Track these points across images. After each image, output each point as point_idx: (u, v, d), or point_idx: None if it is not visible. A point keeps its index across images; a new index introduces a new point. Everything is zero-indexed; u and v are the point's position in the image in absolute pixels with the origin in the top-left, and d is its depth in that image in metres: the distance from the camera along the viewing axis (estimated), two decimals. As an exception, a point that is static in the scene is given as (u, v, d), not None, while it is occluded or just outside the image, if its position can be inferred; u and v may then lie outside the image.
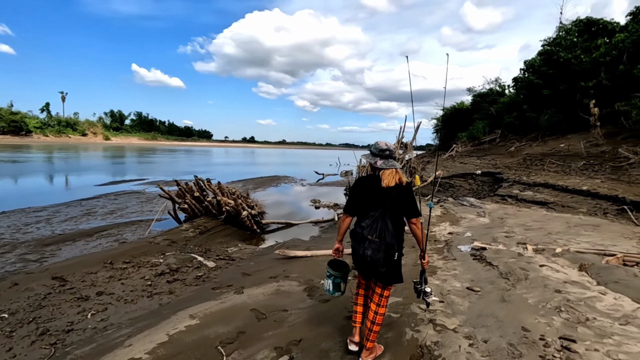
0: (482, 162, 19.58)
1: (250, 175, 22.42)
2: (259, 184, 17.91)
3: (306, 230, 9.22)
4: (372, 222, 2.25)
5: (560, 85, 19.13)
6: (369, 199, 2.35)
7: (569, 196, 8.94)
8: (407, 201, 2.31)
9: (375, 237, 2.22)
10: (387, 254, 2.24)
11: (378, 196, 2.31)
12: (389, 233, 2.23)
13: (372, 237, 2.23)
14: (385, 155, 2.38)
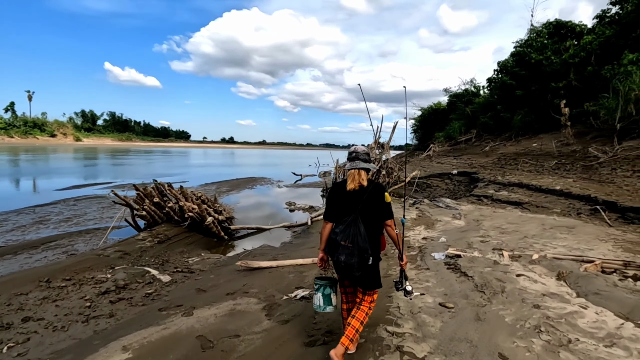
0: (458, 161, 19.66)
1: (226, 177, 21.70)
2: (234, 186, 17.29)
3: (278, 235, 8.77)
4: (345, 228, 2.26)
5: (532, 86, 19.44)
6: (343, 204, 2.34)
7: (543, 196, 8.87)
8: (378, 203, 2.30)
9: (348, 242, 2.23)
10: (361, 259, 2.22)
11: (349, 200, 2.31)
12: (361, 237, 2.22)
13: (345, 242, 2.23)
14: (352, 157, 2.40)
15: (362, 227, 2.24)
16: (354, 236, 2.23)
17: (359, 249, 2.22)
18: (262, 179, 21.57)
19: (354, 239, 2.22)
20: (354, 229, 2.24)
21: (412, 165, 23.16)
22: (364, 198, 2.28)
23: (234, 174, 23.62)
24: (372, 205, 2.29)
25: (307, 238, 7.82)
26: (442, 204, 8.77)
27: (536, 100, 19.16)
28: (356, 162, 2.37)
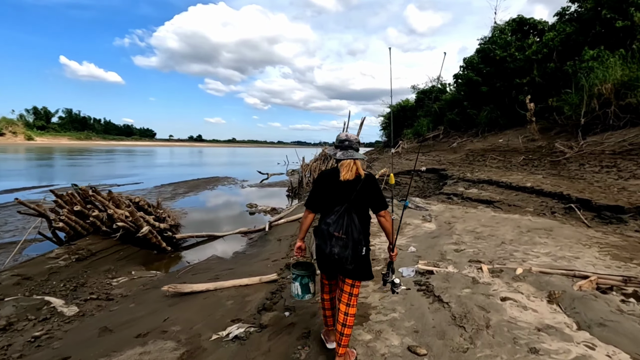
0: (427, 158, 19.36)
1: (187, 177, 20.23)
2: (193, 187, 15.97)
3: (232, 243, 7.78)
4: (337, 218, 2.14)
5: (497, 82, 19.45)
6: (333, 194, 2.23)
7: (514, 193, 8.44)
8: (373, 193, 2.22)
9: (342, 233, 2.11)
10: (355, 250, 2.13)
11: (342, 190, 2.20)
12: (355, 228, 2.13)
13: (338, 233, 2.11)
14: (345, 146, 2.27)
15: (356, 217, 2.15)
16: (347, 226, 2.12)
17: (353, 241, 2.11)
18: (225, 179, 20.29)
19: (348, 230, 2.11)
20: (347, 219, 2.13)
21: (381, 162, 22.71)
22: (358, 188, 2.17)
23: (196, 174, 22.15)
24: (367, 196, 2.20)
25: (263, 247, 6.90)
26: (411, 204, 8.11)
27: (501, 96, 19.19)
28: (350, 151, 2.25)
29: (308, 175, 15.24)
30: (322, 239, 2.18)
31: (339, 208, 2.15)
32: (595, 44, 14.55)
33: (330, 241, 2.12)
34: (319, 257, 2.29)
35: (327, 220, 2.16)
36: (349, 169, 2.18)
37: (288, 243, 6.63)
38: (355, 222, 2.14)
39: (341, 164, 2.22)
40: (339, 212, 2.14)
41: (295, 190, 14.86)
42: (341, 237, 2.11)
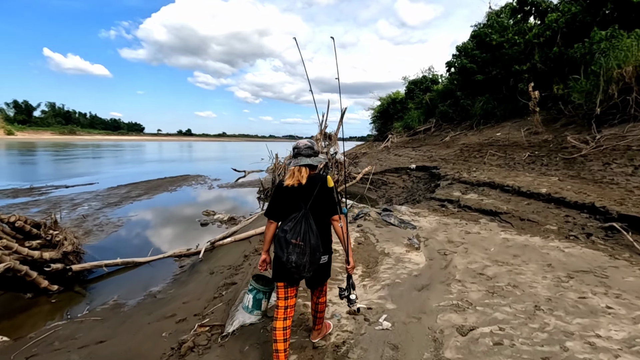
0: (417, 153, 17.47)
1: (154, 175, 18.07)
2: (151, 188, 13.85)
3: (159, 270, 5.79)
4: (294, 225, 2.05)
5: (493, 70, 17.56)
6: (289, 201, 2.16)
7: (525, 201, 6.55)
8: (327, 199, 2.17)
9: (299, 240, 2.02)
10: (313, 258, 2.05)
11: (296, 196, 2.14)
12: (313, 235, 2.05)
13: (295, 240, 2.02)
14: (295, 154, 2.26)
15: (313, 223, 2.07)
16: (305, 233, 2.03)
17: (311, 248, 2.03)
18: (196, 177, 18.17)
19: (305, 237, 2.03)
20: (304, 225, 2.05)
21: (368, 158, 20.75)
22: (315, 193, 2.10)
23: (166, 172, 19.96)
24: (321, 201, 2.13)
25: (186, 284, 4.91)
26: (393, 219, 6.15)
27: (498, 85, 17.31)
28: (299, 158, 2.22)
29: (282, 175, 13.24)
30: (279, 247, 2.05)
31: (296, 214, 2.07)
32: (607, 24, 12.67)
33: (287, 249, 2.02)
34: (275, 266, 2.19)
35: (284, 228, 2.07)
36: (291, 175, 2.18)
37: (222, 279, 4.66)
38: (313, 228, 2.05)
39: (288, 171, 2.21)
40: (296, 218, 2.06)
41: (267, 192, 12.86)
42: (298, 244, 2.01)
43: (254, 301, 2.42)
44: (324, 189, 2.14)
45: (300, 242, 2.02)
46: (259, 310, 2.45)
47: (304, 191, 2.11)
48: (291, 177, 2.16)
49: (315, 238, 2.04)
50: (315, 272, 2.12)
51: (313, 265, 2.06)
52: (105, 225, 8.38)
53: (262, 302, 2.44)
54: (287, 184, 2.13)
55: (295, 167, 2.17)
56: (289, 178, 2.16)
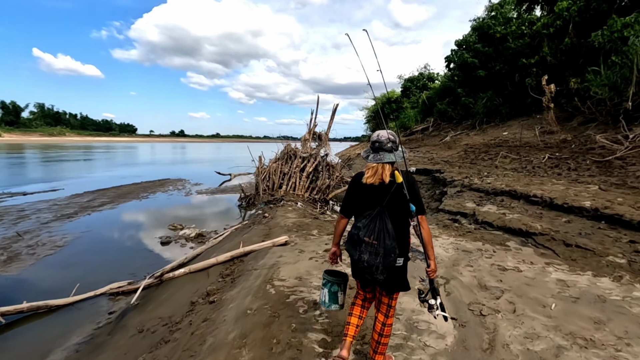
0: (416, 155, 16.01)
1: (133, 179, 16.43)
2: (120, 196, 12.21)
3: (84, 316, 4.22)
4: (368, 222, 1.90)
5: (496, 65, 16.18)
6: (365, 197, 1.98)
7: (563, 218, 5.09)
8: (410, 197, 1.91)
9: (372, 239, 1.87)
10: (387, 259, 1.86)
11: (372, 192, 1.96)
12: (388, 234, 1.87)
13: (369, 239, 1.87)
14: (375, 148, 2.01)
15: (389, 222, 1.88)
16: (379, 232, 1.86)
17: (385, 248, 1.85)
18: (175, 182, 16.53)
19: (379, 236, 1.86)
20: (379, 223, 1.88)
21: (363, 160, 19.31)
22: (392, 190, 1.90)
23: (145, 175, 18.32)
24: (401, 200, 1.91)
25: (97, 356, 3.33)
26: None
27: (502, 81, 15.94)
28: (380, 154, 1.97)
29: (267, 180, 11.69)
30: (352, 245, 1.94)
31: (371, 212, 1.92)
32: (626, 10, 11.34)
33: (360, 247, 1.89)
34: (351, 262, 2.04)
35: (357, 225, 1.94)
36: (373, 173, 1.96)
37: (150, 345, 3.11)
38: (388, 227, 1.88)
39: (367, 166, 2.01)
40: (371, 216, 1.91)
41: (249, 199, 11.29)
42: (372, 242, 1.86)
43: (330, 294, 2.25)
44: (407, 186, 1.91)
45: (373, 241, 1.86)
46: (337, 305, 2.27)
47: (382, 188, 1.94)
48: (373, 175, 1.95)
49: (390, 238, 1.86)
50: (389, 276, 1.93)
51: (387, 268, 1.88)
52: (40, 247, 6.76)
53: (338, 295, 2.26)
54: (368, 182, 1.94)
55: (378, 165, 1.96)
56: (370, 176, 1.95)
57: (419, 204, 1.93)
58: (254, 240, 5.75)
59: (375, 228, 1.87)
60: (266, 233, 5.97)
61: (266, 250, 4.89)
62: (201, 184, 16.31)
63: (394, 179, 1.91)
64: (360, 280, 2.13)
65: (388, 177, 1.92)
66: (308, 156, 11.44)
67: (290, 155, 11.75)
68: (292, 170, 11.42)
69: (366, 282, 2.12)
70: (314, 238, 5.39)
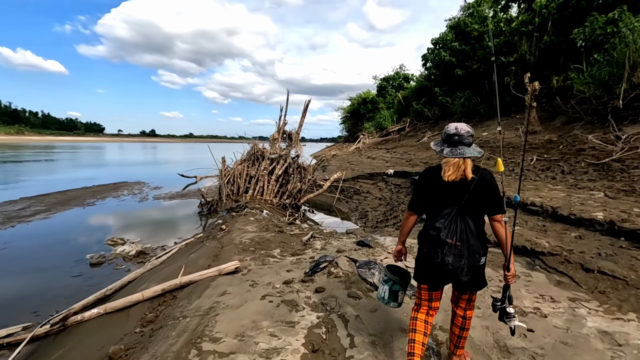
0: (392, 155, 15.20)
1: (86, 182, 14.60)
2: (61, 202, 10.53)
3: None
4: (449, 223, 1.78)
5: (474, 64, 15.63)
6: (441, 194, 1.85)
7: (572, 232, 4.23)
8: (489, 194, 1.81)
9: (455, 240, 1.75)
10: (472, 260, 1.77)
11: (450, 190, 1.82)
12: (472, 235, 1.77)
13: (452, 240, 1.76)
14: (454, 142, 1.84)
15: (470, 221, 1.79)
16: (462, 232, 1.76)
17: (469, 249, 1.75)
18: (132, 185, 14.85)
19: (463, 236, 1.75)
20: (461, 224, 1.77)
21: (338, 161, 18.27)
22: (472, 188, 1.78)
23: (101, 178, 16.47)
24: (481, 197, 1.79)
25: None
26: (377, 271, 3.53)
27: (480, 80, 15.41)
28: (460, 148, 1.81)
29: (231, 184, 10.41)
30: (431, 246, 1.80)
31: (449, 211, 1.80)
32: (607, 8, 10.95)
33: (442, 249, 1.75)
34: (423, 266, 1.92)
35: (435, 225, 1.80)
36: (456, 169, 1.78)
37: None
38: (471, 227, 1.78)
39: (446, 161, 1.82)
40: (450, 215, 1.79)
41: (211, 205, 9.95)
42: (455, 244, 1.75)
43: (390, 292, 2.16)
44: (485, 183, 1.80)
45: (457, 243, 1.75)
46: (396, 303, 2.18)
47: (458, 184, 1.80)
48: (455, 171, 1.78)
49: (474, 238, 1.76)
50: (472, 276, 1.83)
51: (472, 269, 1.79)
52: None
53: (399, 294, 2.18)
54: (449, 178, 1.78)
55: (459, 159, 1.79)
56: (451, 173, 1.77)
57: (499, 202, 1.82)
58: (199, 263, 4.54)
59: (457, 228, 1.76)
60: (216, 253, 4.77)
61: (208, 281, 3.71)
62: (162, 187, 14.74)
63: (476, 175, 1.78)
64: (431, 283, 1.97)
65: (470, 173, 1.78)
66: (277, 157, 10.26)
67: (258, 156, 10.52)
68: (260, 173, 10.21)
69: (439, 284, 1.98)
70: (274, 262, 4.24)
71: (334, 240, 5.28)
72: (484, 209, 1.84)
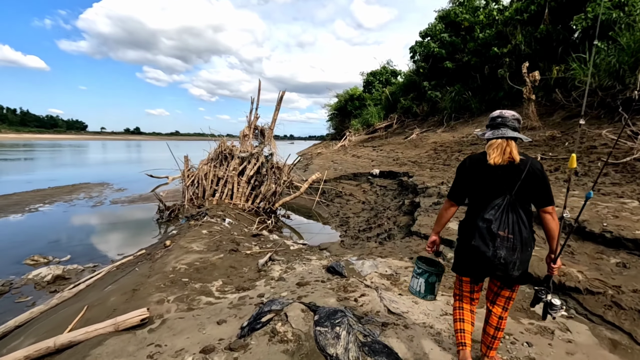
0: (379, 154, 14.07)
1: (39, 184, 13.03)
2: (0, 208, 9.05)
3: None
4: (500, 214, 1.67)
5: (465, 56, 14.61)
6: (488, 183, 1.73)
7: (610, 256, 3.12)
8: (540, 185, 1.69)
9: (507, 232, 1.64)
10: (525, 254, 1.67)
11: (498, 178, 1.71)
12: (525, 227, 1.66)
13: (504, 232, 1.64)
14: (496, 124, 1.76)
15: (522, 212, 1.68)
16: (514, 224, 1.65)
17: (522, 242, 1.64)
18: (93, 187, 13.33)
19: (515, 228, 1.64)
20: (512, 215, 1.66)
21: (322, 160, 17.04)
22: (523, 177, 1.66)
23: (63, 178, 14.90)
24: (531, 188, 1.68)
25: None
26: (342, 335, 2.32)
27: (471, 73, 14.40)
28: (502, 129, 1.73)
29: (195, 186, 9.10)
30: (481, 239, 1.68)
31: (500, 201, 1.68)
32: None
33: (494, 242, 1.64)
34: (468, 259, 1.80)
35: (485, 216, 1.68)
36: (500, 151, 1.68)
37: None
38: (523, 218, 1.67)
39: (489, 144, 1.73)
40: (501, 206, 1.67)
41: (172, 211, 8.61)
42: (507, 237, 1.64)
43: (427, 285, 2.05)
44: (536, 173, 1.67)
45: (509, 235, 1.64)
46: (433, 295, 2.08)
47: (509, 172, 1.69)
48: (500, 153, 1.67)
49: (527, 230, 1.66)
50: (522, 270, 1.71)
51: (524, 263, 1.68)
52: None
53: (435, 286, 2.06)
54: (495, 162, 1.67)
55: (502, 140, 1.69)
56: (497, 155, 1.67)
57: (550, 193, 1.70)
58: (109, 303, 3.27)
59: (509, 220, 1.65)
60: (137, 286, 3.50)
61: (96, 342, 2.45)
62: (126, 189, 13.27)
63: (526, 165, 1.66)
64: (474, 276, 1.87)
65: (517, 155, 1.66)
66: (248, 156, 8.98)
67: (226, 155, 9.22)
68: (228, 174, 8.92)
69: (483, 277, 1.86)
70: (206, 305, 3.01)
71: (298, 263, 4.07)
72: (533, 200, 1.71)
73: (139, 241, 7.05)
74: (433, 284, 2.05)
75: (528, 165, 1.66)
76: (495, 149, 1.68)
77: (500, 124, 1.73)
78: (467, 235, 1.78)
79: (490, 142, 1.72)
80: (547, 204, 1.68)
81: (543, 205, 1.69)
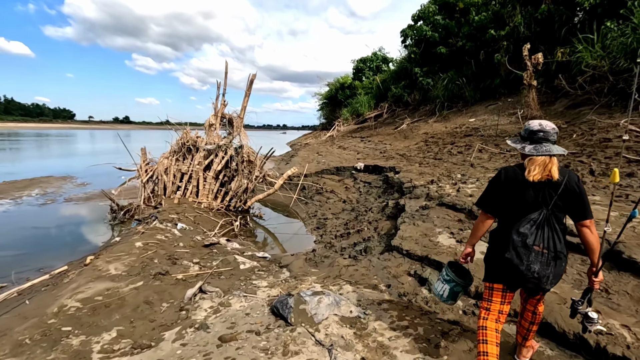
0: (366, 145, 13.03)
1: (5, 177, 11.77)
2: None
3: None
4: (535, 228, 1.64)
5: (459, 41, 13.50)
6: (524, 197, 1.68)
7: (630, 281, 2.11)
8: (578, 199, 1.65)
9: (542, 247, 1.62)
10: (559, 269, 1.66)
11: (536, 192, 1.66)
12: (559, 242, 1.64)
13: (539, 247, 1.63)
14: (538, 138, 1.69)
15: (557, 227, 1.65)
16: (549, 240, 1.63)
17: (555, 257, 1.63)
18: (52, 181, 12.09)
19: (550, 243, 1.62)
20: (548, 231, 1.63)
21: (307, 152, 15.89)
22: (559, 192, 1.63)
23: (29, 171, 13.60)
24: (569, 202, 1.65)
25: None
26: None
27: (465, 59, 13.31)
28: (546, 145, 1.66)
29: (154, 182, 7.99)
30: (515, 253, 1.65)
31: (537, 216, 1.64)
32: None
33: (529, 256, 1.62)
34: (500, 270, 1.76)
35: (520, 230, 1.65)
36: (543, 168, 1.64)
37: None
38: (558, 232, 1.65)
39: (531, 160, 1.67)
40: (537, 221, 1.64)
41: (127, 211, 7.51)
42: (542, 251, 1.62)
43: (451, 292, 2.08)
44: (574, 187, 1.64)
45: (544, 250, 1.61)
46: (454, 301, 2.14)
47: (546, 187, 1.66)
48: (541, 170, 1.63)
49: (561, 245, 1.63)
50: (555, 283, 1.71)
51: (557, 278, 1.67)
52: None
53: (458, 295, 2.12)
54: (535, 179, 1.63)
55: (545, 157, 1.65)
56: (537, 173, 1.63)
57: (587, 206, 1.66)
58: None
59: (545, 235, 1.62)
60: (3, 333, 2.45)
61: None
62: (89, 184, 12.07)
63: (563, 177, 1.64)
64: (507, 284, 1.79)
65: (557, 173, 1.64)
66: (215, 149, 7.86)
67: (190, 147, 8.09)
68: (193, 169, 7.81)
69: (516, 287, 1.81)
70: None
71: (238, 296, 3.04)
72: (570, 213, 1.69)
73: (78, 250, 5.92)
74: (457, 293, 2.09)
75: (565, 180, 1.64)
76: (537, 166, 1.64)
77: (542, 139, 1.68)
78: (499, 246, 1.74)
79: (532, 158, 1.66)
80: (585, 218, 1.65)
81: (581, 219, 1.67)
